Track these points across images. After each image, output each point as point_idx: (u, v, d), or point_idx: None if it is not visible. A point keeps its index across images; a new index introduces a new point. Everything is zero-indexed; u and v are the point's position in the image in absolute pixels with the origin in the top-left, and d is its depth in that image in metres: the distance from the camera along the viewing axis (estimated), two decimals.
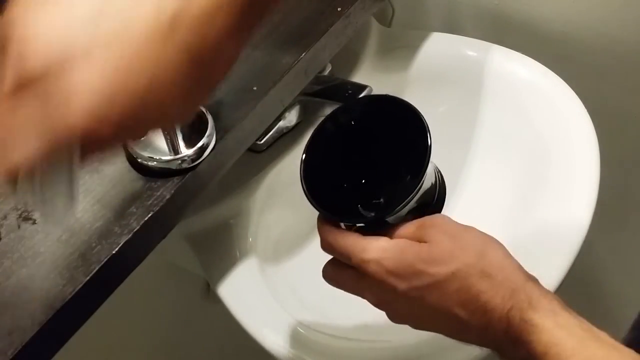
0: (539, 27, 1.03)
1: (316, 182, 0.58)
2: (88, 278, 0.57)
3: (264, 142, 0.87)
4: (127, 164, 0.64)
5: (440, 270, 0.52)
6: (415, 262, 0.53)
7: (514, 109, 0.92)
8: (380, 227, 0.56)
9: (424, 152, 0.55)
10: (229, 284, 0.81)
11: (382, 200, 0.62)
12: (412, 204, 0.56)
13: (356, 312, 0.88)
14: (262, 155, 0.89)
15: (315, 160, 0.60)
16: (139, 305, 0.95)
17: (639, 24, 0.96)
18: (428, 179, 0.57)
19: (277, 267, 0.89)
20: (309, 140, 0.60)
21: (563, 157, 0.85)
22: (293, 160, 0.90)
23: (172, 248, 0.83)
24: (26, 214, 0.61)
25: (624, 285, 1.27)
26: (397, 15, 1.07)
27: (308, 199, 0.57)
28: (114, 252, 0.59)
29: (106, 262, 0.58)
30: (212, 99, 0.68)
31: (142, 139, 0.63)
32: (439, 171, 0.62)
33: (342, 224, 0.58)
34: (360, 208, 0.61)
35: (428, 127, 0.56)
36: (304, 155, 0.59)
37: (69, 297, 0.56)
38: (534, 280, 0.53)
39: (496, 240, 0.55)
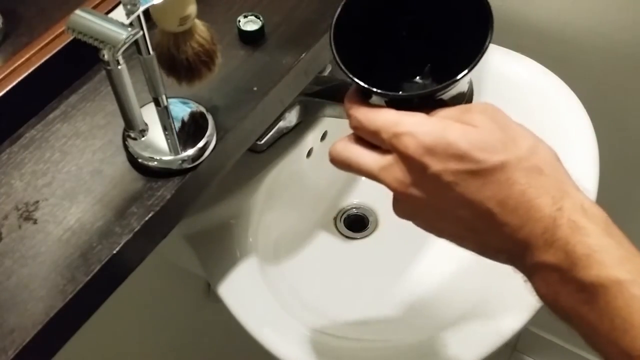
0: (538, 27, 1.03)
1: (348, 48, 0.50)
2: (89, 278, 0.57)
3: (264, 142, 0.87)
4: (127, 164, 0.64)
5: (488, 157, 0.46)
6: (460, 142, 0.46)
7: (513, 109, 0.91)
8: (417, 108, 0.49)
9: (484, 24, 0.49)
10: (230, 283, 0.81)
11: (423, 79, 0.56)
12: (459, 86, 0.50)
13: (356, 311, 0.89)
14: (262, 155, 0.89)
15: (349, 23, 0.51)
16: (140, 305, 0.95)
17: (637, 25, 0.96)
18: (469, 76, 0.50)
19: (277, 266, 0.89)
20: (345, 2, 0.52)
21: (562, 157, 0.85)
22: (293, 160, 0.90)
23: (172, 248, 0.83)
24: (27, 214, 0.61)
25: None
26: None
27: (338, 65, 0.50)
28: (114, 252, 0.59)
29: (107, 262, 0.58)
30: (213, 100, 0.68)
31: (143, 139, 0.64)
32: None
33: (373, 98, 0.50)
34: (398, 83, 0.55)
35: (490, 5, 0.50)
36: (336, 17, 0.51)
37: (70, 296, 0.56)
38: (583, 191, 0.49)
39: (546, 143, 0.50)
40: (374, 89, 0.49)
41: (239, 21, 0.73)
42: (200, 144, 0.64)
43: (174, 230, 0.66)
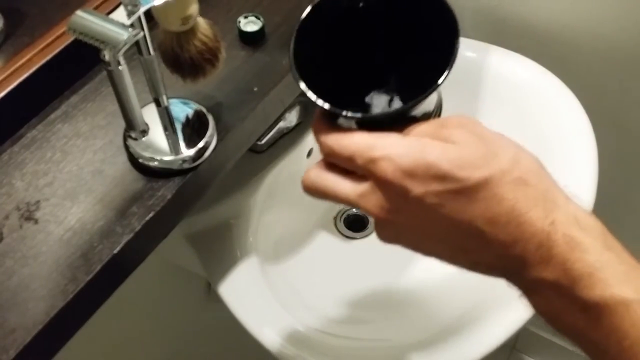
0: (537, 28, 1.03)
1: (310, 69, 0.48)
2: (90, 277, 0.57)
3: (265, 142, 0.87)
4: (128, 164, 0.64)
5: (471, 175, 0.43)
6: (439, 162, 0.43)
7: (513, 110, 0.92)
8: (389, 127, 0.46)
9: (451, 37, 0.47)
10: (230, 283, 0.81)
11: (387, 91, 0.53)
12: (430, 99, 0.47)
13: (356, 311, 0.89)
14: (262, 155, 0.89)
15: (311, 42, 0.49)
16: (140, 305, 0.96)
17: (636, 26, 0.96)
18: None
19: (277, 266, 0.89)
20: (302, 19, 0.49)
21: (561, 157, 0.85)
22: (293, 160, 0.90)
23: (173, 248, 0.83)
24: (28, 213, 0.61)
25: None
26: None
27: (302, 89, 0.47)
28: (115, 251, 0.59)
29: (108, 261, 0.58)
30: (213, 100, 0.68)
31: (144, 139, 0.64)
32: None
33: (341, 120, 0.47)
34: (362, 96, 0.53)
35: (454, 13, 0.47)
36: (294, 39, 0.48)
37: (71, 296, 0.56)
38: (572, 198, 0.46)
39: (528, 150, 0.47)
40: (343, 113, 0.46)
41: (240, 22, 0.73)
42: (201, 144, 0.64)
43: (175, 230, 0.66)
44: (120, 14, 0.53)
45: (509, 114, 0.92)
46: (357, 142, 0.45)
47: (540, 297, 0.45)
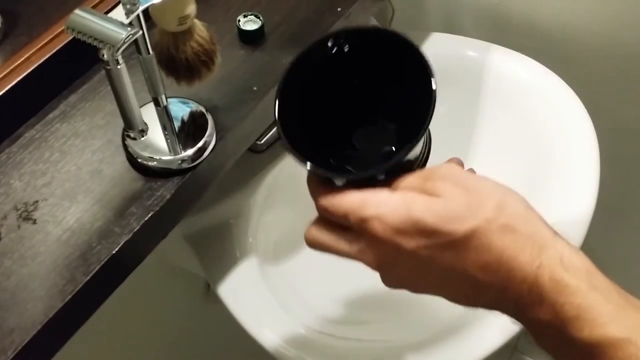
0: (538, 27, 1.03)
1: (294, 121, 0.50)
2: (88, 278, 0.57)
3: (264, 142, 0.87)
4: (127, 164, 0.64)
5: (457, 228, 0.45)
6: (426, 218, 0.45)
7: (514, 109, 0.92)
8: (376, 182, 0.49)
9: (428, 93, 0.48)
10: (229, 284, 0.81)
11: (377, 136, 0.55)
12: (413, 153, 0.49)
13: (356, 311, 0.89)
14: (262, 155, 0.89)
15: (291, 98, 0.51)
16: (139, 305, 0.95)
17: (637, 25, 0.96)
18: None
19: (277, 267, 0.89)
20: (283, 77, 0.51)
21: (563, 156, 0.85)
22: (293, 160, 0.90)
23: (172, 248, 0.83)
24: (26, 214, 0.61)
25: (622, 285, 1.27)
26: (397, 15, 1.07)
27: (295, 156, 0.49)
28: (114, 252, 0.59)
29: (106, 262, 0.58)
30: (212, 99, 0.68)
31: (142, 139, 0.64)
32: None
33: (334, 179, 0.49)
34: (352, 131, 0.55)
35: (432, 67, 0.48)
36: (277, 105, 0.51)
37: (69, 296, 0.56)
38: (561, 236, 0.47)
39: (514, 190, 0.48)
40: (334, 178, 0.49)
41: (239, 21, 0.73)
42: (200, 144, 0.64)
43: (174, 230, 0.66)
44: (118, 13, 0.53)
45: (510, 114, 0.92)
46: (349, 202, 0.48)
47: (540, 334, 0.47)
